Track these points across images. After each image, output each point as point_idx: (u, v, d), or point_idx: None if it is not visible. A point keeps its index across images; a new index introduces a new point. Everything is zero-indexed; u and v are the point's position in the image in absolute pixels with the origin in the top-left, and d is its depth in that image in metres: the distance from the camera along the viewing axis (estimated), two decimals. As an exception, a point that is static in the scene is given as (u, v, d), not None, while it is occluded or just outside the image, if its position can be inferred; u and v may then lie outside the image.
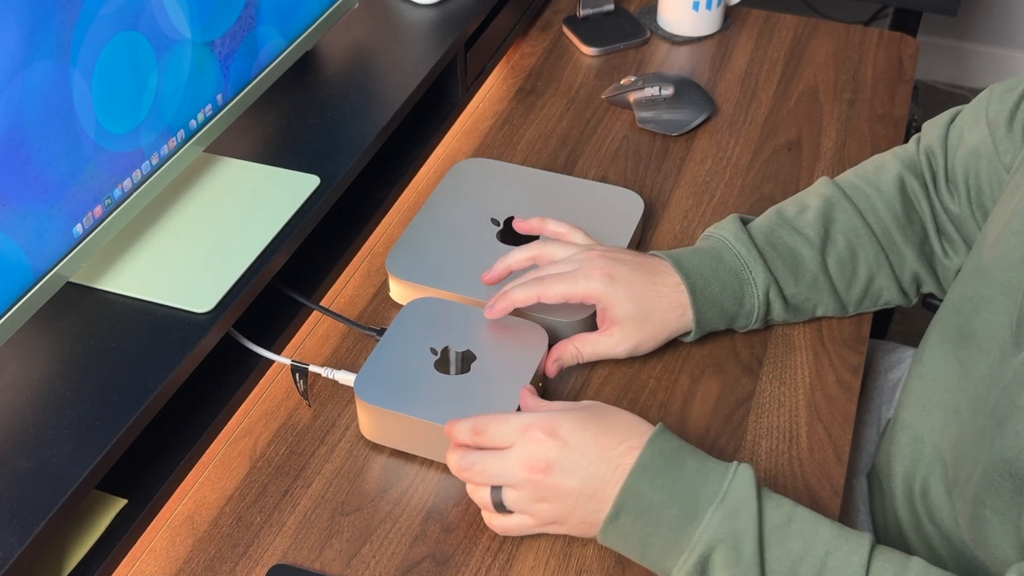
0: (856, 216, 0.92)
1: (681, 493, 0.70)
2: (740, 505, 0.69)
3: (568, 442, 0.73)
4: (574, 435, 0.73)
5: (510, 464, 0.73)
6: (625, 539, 0.72)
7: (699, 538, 0.69)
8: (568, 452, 0.72)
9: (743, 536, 0.68)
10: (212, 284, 0.83)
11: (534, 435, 0.73)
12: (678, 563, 0.69)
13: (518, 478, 0.73)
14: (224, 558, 0.78)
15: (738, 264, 0.89)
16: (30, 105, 0.69)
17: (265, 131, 1.00)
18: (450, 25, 1.14)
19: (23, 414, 0.73)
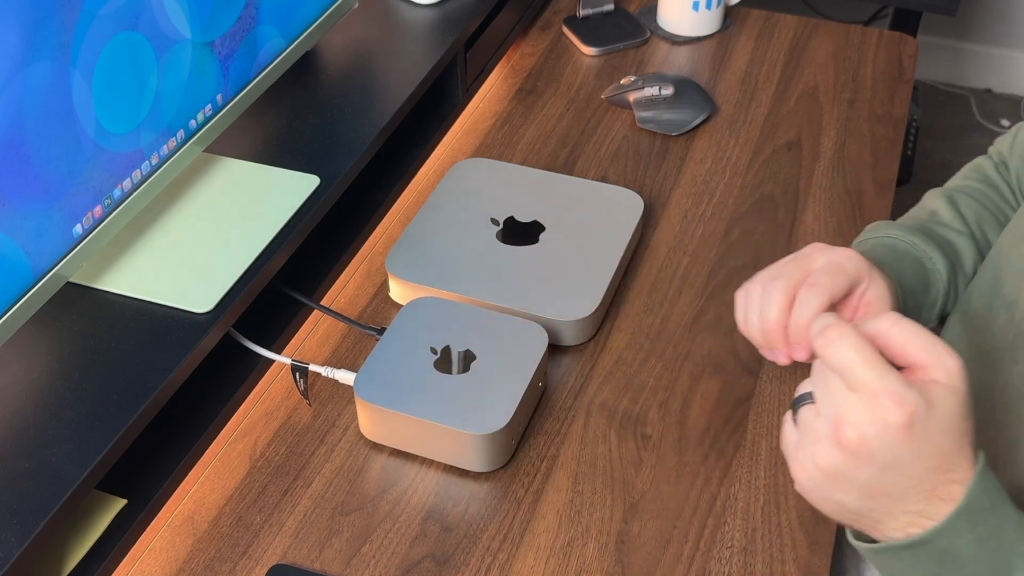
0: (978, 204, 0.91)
1: (997, 550, 0.60)
2: None
3: (913, 439, 0.58)
4: (927, 432, 0.58)
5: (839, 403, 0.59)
6: (907, 568, 0.62)
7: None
8: (897, 449, 0.58)
9: None
10: (212, 284, 0.83)
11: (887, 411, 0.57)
12: None
13: (826, 416, 0.60)
14: (224, 558, 0.78)
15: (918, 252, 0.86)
16: (30, 105, 0.69)
17: (265, 131, 1.00)
18: (450, 25, 1.14)
19: (23, 414, 0.73)
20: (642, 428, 0.87)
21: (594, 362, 0.92)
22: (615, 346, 0.94)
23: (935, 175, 2.42)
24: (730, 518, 0.81)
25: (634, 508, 0.81)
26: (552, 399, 0.89)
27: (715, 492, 0.82)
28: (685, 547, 0.79)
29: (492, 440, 0.81)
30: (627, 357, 0.93)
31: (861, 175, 1.12)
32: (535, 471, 0.84)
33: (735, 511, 0.81)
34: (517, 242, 0.99)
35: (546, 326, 0.89)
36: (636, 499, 0.82)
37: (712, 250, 1.03)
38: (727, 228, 1.06)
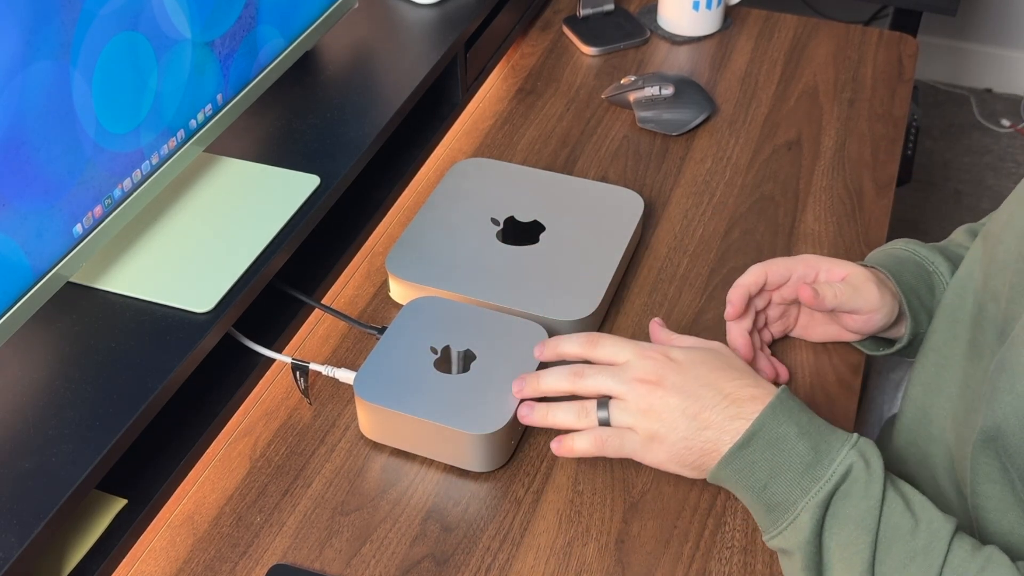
0: None
1: (815, 431, 0.71)
2: (872, 455, 0.70)
3: (682, 363, 0.75)
4: (687, 360, 0.76)
5: (621, 375, 0.76)
6: (750, 470, 0.71)
7: (835, 468, 0.69)
8: (681, 370, 0.75)
9: (873, 480, 0.69)
10: (212, 284, 0.83)
11: (649, 354, 0.76)
12: (808, 494, 0.69)
13: (627, 390, 0.75)
14: (224, 558, 0.78)
15: (920, 258, 0.91)
16: (30, 105, 0.69)
17: (265, 131, 1.00)
18: (450, 25, 1.14)
19: (23, 414, 0.73)
20: (642, 428, 0.87)
21: (594, 362, 0.92)
22: (615, 346, 0.94)
23: (935, 175, 2.42)
24: (730, 518, 0.81)
25: (634, 508, 0.81)
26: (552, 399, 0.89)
27: (715, 492, 0.82)
28: (685, 547, 0.79)
29: (492, 440, 0.81)
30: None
31: (861, 175, 1.12)
32: (535, 471, 0.84)
33: (735, 511, 0.81)
34: (517, 242, 0.99)
35: (546, 326, 0.89)
36: (636, 499, 0.82)
37: (712, 250, 1.03)
38: (727, 228, 1.06)
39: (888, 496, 0.69)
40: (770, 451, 0.71)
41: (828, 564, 0.69)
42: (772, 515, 0.72)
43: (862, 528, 0.68)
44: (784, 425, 0.71)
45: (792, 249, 1.03)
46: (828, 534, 0.69)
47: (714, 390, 0.74)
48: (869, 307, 0.86)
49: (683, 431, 0.73)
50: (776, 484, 0.71)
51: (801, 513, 0.69)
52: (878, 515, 0.68)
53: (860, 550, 0.68)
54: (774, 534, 0.72)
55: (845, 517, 0.69)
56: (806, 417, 0.72)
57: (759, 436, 0.71)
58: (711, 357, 0.77)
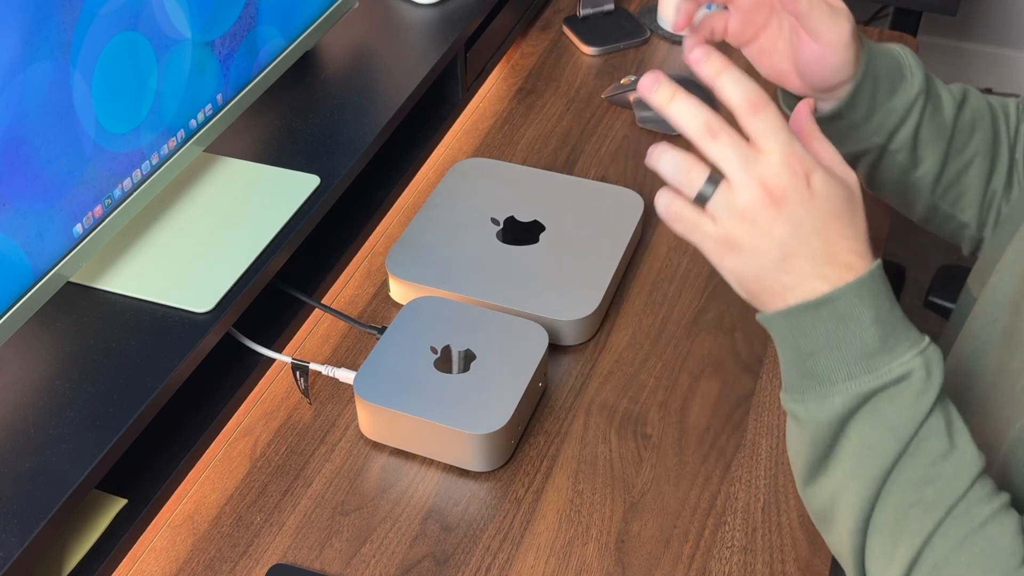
0: (985, 105, 0.91)
1: (890, 322, 0.66)
2: (936, 368, 0.66)
3: (815, 196, 0.66)
4: (822, 195, 0.66)
5: (751, 165, 0.65)
6: (806, 332, 0.66)
7: (892, 369, 0.65)
8: (808, 203, 0.65)
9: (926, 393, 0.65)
10: (212, 284, 0.83)
11: (794, 163, 0.65)
12: (853, 380, 0.65)
13: (746, 186, 0.65)
14: (224, 558, 0.78)
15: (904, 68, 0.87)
16: (30, 105, 0.69)
17: (265, 131, 1.00)
18: (450, 25, 1.14)
19: (23, 414, 0.73)
20: (642, 428, 0.87)
21: (594, 362, 0.92)
22: (615, 346, 0.94)
23: (935, 175, 2.41)
24: (730, 518, 0.81)
25: (634, 508, 0.81)
26: (552, 399, 0.89)
27: (715, 492, 0.82)
28: (685, 547, 0.79)
29: (492, 440, 0.81)
30: (627, 357, 0.93)
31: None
32: (535, 471, 0.84)
33: (735, 511, 0.81)
34: (517, 242, 0.99)
35: (546, 326, 0.89)
36: (636, 499, 0.82)
37: (712, 250, 1.03)
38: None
39: (934, 413, 0.65)
40: (835, 323, 0.65)
41: (840, 454, 0.66)
42: (805, 381, 0.67)
43: (895, 435, 0.64)
44: (862, 306, 0.65)
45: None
46: (856, 427, 0.65)
47: (822, 241, 0.66)
48: (832, 38, 0.81)
49: (765, 262, 0.66)
50: (825, 357, 0.66)
51: (835, 395, 0.65)
52: (916, 428, 0.64)
53: (883, 454, 0.65)
54: (796, 398, 0.68)
55: (882, 418, 0.65)
56: (887, 305, 0.66)
57: (832, 305, 0.65)
58: (842, 201, 0.67)
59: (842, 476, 0.66)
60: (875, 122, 0.87)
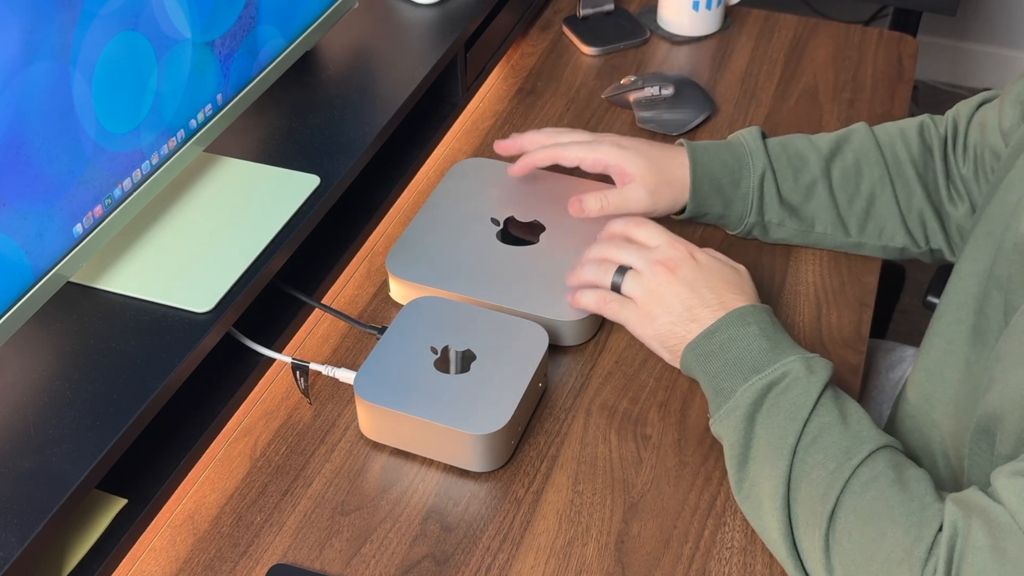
0: (871, 140, 0.98)
1: (775, 338, 0.81)
2: (819, 369, 0.78)
3: (700, 265, 0.86)
4: (707, 264, 0.86)
5: (648, 255, 0.87)
6: (708, 357, 0.81)
7: (776, 368, 0.78)
8: (697, 271, 0.85)
9: (812, 383, 0.76)
10: (212, 284, 0.83)
11: (677, 246, 0.87)
12: (748, 383, 0.78)
13: (646, 267, 0.86)
14: (224, 558, 0.78)
15: (743, 151, 0.97)
16: (30, 105, 0.69)
17: (265, 131, 1.00)
18: (450, 25, 1.14)
19: (23, 414, 0.73)
20: (642, 428, 0.87)
21: (594, 362, 0.92)
22: (615, 346, 0.94)
23: (935, 175, 2.41)
24: (730, 518, 0.81)
25: (634, 508, 0.81)
26: (552, 399, 0.89)
27: (715, 492, 0.82)
28: (685, 547, 0.79)
29: (492, 440, 0.81)
30: (627, 357, 0.93)
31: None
32: (535, 471, 0.84)
33: (735, 511, 0.81)
34: (517, 242, 0.99)
35: (546, 326, 0.89)
36: (636, 499, 0.82)
37: (712, 250, 1.03)
38: (727, 228, 1.06)
39: (824, 401, 0.75)
40: (729, 344, 0.80)
41: (755, 451, 0.76)
42: (717, 399, 0.80)
43: (791, 418, 0.75)
44: (749, 326, 0.80)
45: (791, 255, 1.03)
46: (760, 423, 0.76)
47: (715, 295, 0.83)
48: (640, 210, 0.98)
49: (674, 317, 0.84)
50: (726, 372, 0.80)
51: (738, 397, 0.78)
52: (810, 410, 0.75)
53: (785, 435, 0.74)
54: (715, 419, 0.80)
55: (779, 409, 0.76)
56: (773, 328, 0.82)
57: (723, 329, 0.81)
58: (728, 272, 0.86)
59: (759, 467, 0.76)
60: (736, 210, 0.99)
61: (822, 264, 1.02)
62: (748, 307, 0.82)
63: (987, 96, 0.96)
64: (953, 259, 0.97)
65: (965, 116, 0.96)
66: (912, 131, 0.98)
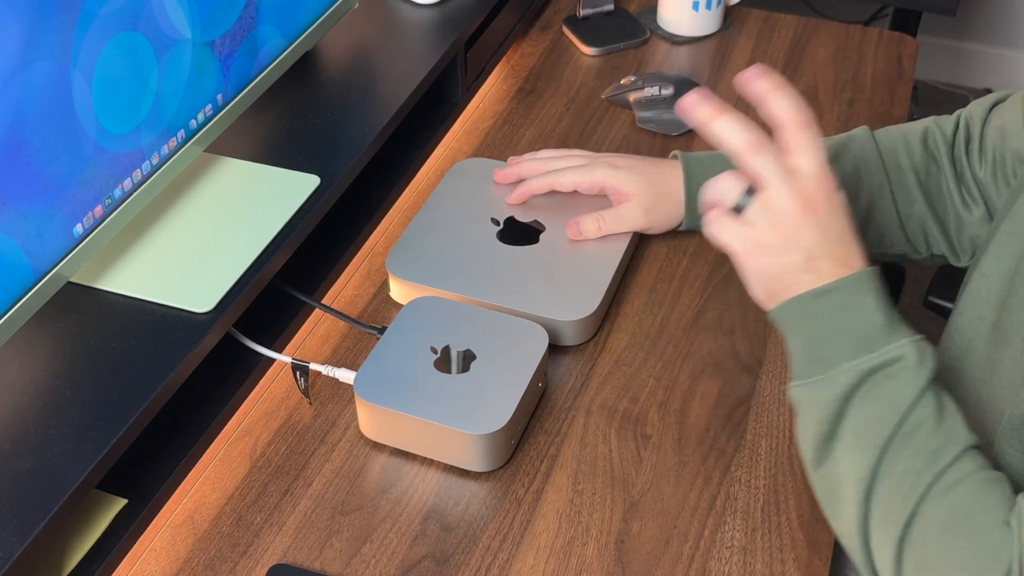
0: (871, 147, 0.96)
1: (889, 312, 0.72)
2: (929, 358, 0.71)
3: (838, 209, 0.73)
4: (843, 208, 0.73)
5: (789, 183, 0.72)
6: (814, 317, 0.72)
7: (889, 350, 0.70)
8: (833, 213, 0.73)
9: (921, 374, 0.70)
10: (212, 284, 0.83)
11: (824, 179, 0.72)
12: (855, 360, 0.71)
13: (782, 196, 0.72)
14: (224, 557, 0.78)
15: None
16: (30, 105, 0.69)
17: (265, 131, 1.00)
18: (450, 25, 1.14)
19: (23, 414, 0.73)
20: (642, 428, 0.87)
21: (594, 362, 0.92)
22: (615, 346, 0.94)
23: (935, 175, 2.41)
24: (730, 518, 0.81)
25: (634, 508, 0.81)
26: (552, 399, 0.89)
27: (715, 492, 0.82)
28: (685, 547, 0.79)
29: (492, 440, 0.81)
30: (627, 357, 0.93)
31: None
32: (535, 471, 0.84)
33: (735, 511, 0.81)
34: (517, 242, 0.99)
35: (546, 326, 0.89)
36: (636, 499, 0.82)
37: (712, 250, 1.03)
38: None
39: (927, 394, 0.70)
40: (841, 310, 0.72)
41: (843, 431, 0.71)
42: (812, 366, 0.72)
43: (892, 409, 0.69)
44: (866, 295, 0.72)
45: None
46: (857, 404, 0.70)
47: (843, 246, 0.73)
48: (638, 229, 0.98)
49: (792, 262, 0.73)
50: (832, 340, 0.72)
51: (840, 374, 0.71)
52: (911, 404, 0.69)
53: (882, 427, 0.69)
54: (803, 383, 0.73)
55: (880, 394, 0.70)
56: (887, 300, 0.73)
57: (836, 293, 0.72)
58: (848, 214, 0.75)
59: (845, 452, 0.71)
60: None
61: (822, 264, 1.02)
62: (868, 271, 0.73)
63: (999, 97, 0.95)
64: (957, 263, 0.96)
65: (979, 118, 0.95)
66: (915, 137, 0.96)
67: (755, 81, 0.75)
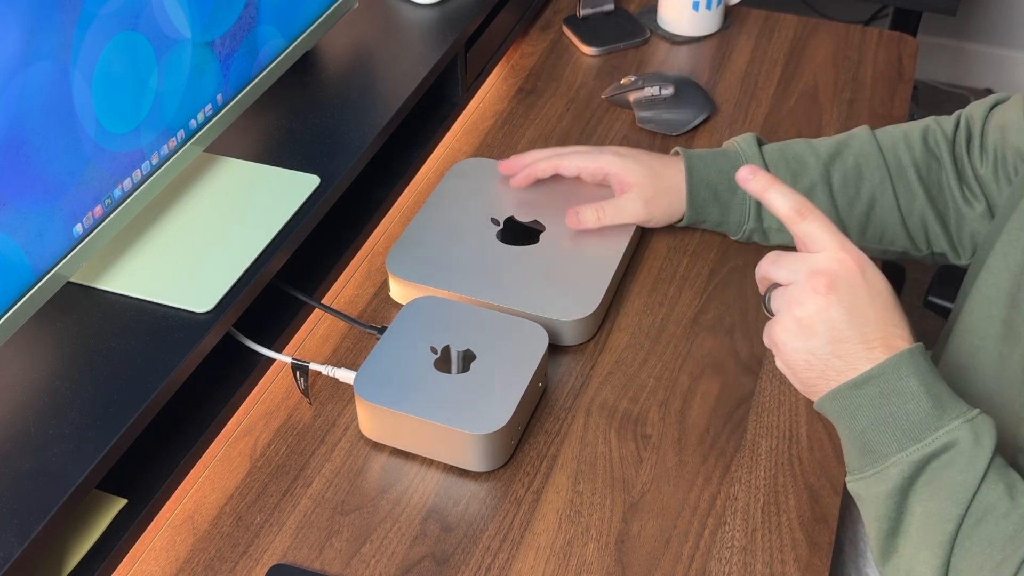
0: (872, 144, 0.97)
1: (936, 392, 0.68)
2: (985, 435, 0.67)
3: (869, 285, 0.70)
4: (878, 285, 0.71)
5: (804, 264, 0.71)
6: (853, 412, 0.69)
7: (941, 437, 0.67)
8: (858, 289, 0.70)
9: (979, 457, 0.66)
10: (212, 284, 0.83)
11: (843, 257, 0.70)
12: (904, 451, 0.68)
13: (797, 278, 0.71)
14: (224, 558, 0.78)
15: (738, 157, 0.97)
16: (30, 105, 0.69)
17: (265, 131, 1.00)
18: (450, 25, 1.14)
19: (23, 414, 0.73)
20: (642, 428, 0.87)
21: (594, 362, 0.92)
22: (615, 346, 0.94)
23: (935, 175, 2.41)
24: (730, 518, 0.81)
25: (634, 508, 0.81)
26: (552, 399, 0.89)
27: (715, 492, 0.82)
28: (685, 547, 0.79)
29: (492, 440, 0.81)
30: (627, 357, 0.93)
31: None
32: (535, 471, 0.84)
33: (735, 511, 0.81)
34: (517, 242, 0.99)
35: (546, 326, 0.89)
36: (636, 499, 0.82)
37: (712, 250, 1.03)
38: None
39: (990, 475, 0.66)
40: (881, 399, 0.69)
41: (907, 527, 0.68)
42: (863, 459, 0.70)
43: (953, 500, 0.66)
44: (907, 379, 0.68)
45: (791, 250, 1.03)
46: (916, 498, 0.68)
47: (876, 326, 0.70)
48: (636, 219, 0.98)
49: (817, 346, 0.70)
50: (876, 432, 0.69)
51: (891, 467, 0.68)
52: (974, 491, 0.66)
53: (946, 520, 0.66)
54: (857, 478, 0.71)
55: (939, 486, 0.67)
56: (933, 378, 0.69)
57: (875, 382, 0.69)
58: (891, 294, 0.72)
59: (912, 548, 0.68)
60: (734, 216, 0.99)
61: (822, 264, 1.02)
62: (907, 352, 0.69)
63: (999, 98, 0.95)
64: (957, 262, 0.97)
65: (980, 117, 0.95)
66: (916, 135, 0.97)
67: (747, 185, 0.76)
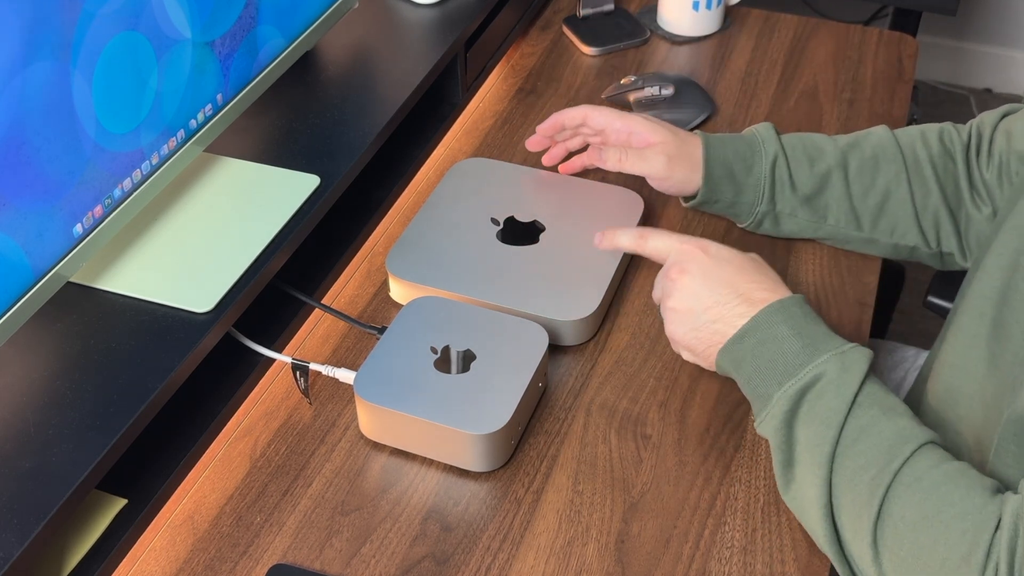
0: (890, 138, 0.98)
1: (807, 333, 0.78)
2: (854, 364, 0.75)
3: (712, 257, 0.83)
4: (719, 256, 0.83)
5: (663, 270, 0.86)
6: (740, 362, 0.79)
7: (810, 370, 0.76)
8: (707, 264, 0.83)
9: (846, 383, 0.74)
10: (212, 284, 0.83)
11: (684, 246, 0.85)
12: (782, 388, 0.76)
13: (665, 278, 0.85)
14: (224, 558, 0.78)
15: (755, 140, 0.99)
16: (30, 105, 0.69)
17: (265, 131, 1.00)
18: (450, 25, 1.14)
19: (23, 414, 0.73)
20: (642, 428, 0.87)
21: (594, 362, 0.92)
22: (615, 346, 0.94)
23: (935, 175, 2.40)
24: (730, 518, 0.81)
25: (634, 508, 0.81)
26: (552, 399, 0.89)
27: (715, 492, 0.82)
28: (685, 547, 0.79)
29: (492, 440, 0.81)
30: (627, 357, 0.93)
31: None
32: (535, 471, 0.84)
33: (735, 511, 0.81)
34: (517, 242, 0.99)
35: (546, 326, 0.89)
36: (636, 499, 0.82)
37: (712, 250, 1.03)
38: (727, 228, 1.06)
39: (861, 400, 0.74)
40: (760, 347, 0.78)
41: (797, 456, 0.75)
42: (757, 403, 0.79)
43: (827, 424, 0.73)
44: (778, 326, 0.78)
45: (791, 254, 1.03)
46: (799, 427, 0.75)
47: (731, 288, 0.81)
48: (656, 174, 0.99)
49: (694, 318, 0.82)
50: (760, 376, 0.78)
51: (775, 405, 0.76)
52: (845, 414, 0.73)
53: (823, 443, 0.73)
54: (757, 421, 0.79)
55: (815, 414, 0.75)
56: (804, 321, 0.78)
57: (752, 334, 0.79)
58: (744, 259, 0.84)
59: (802, 473, 0.75)
60: (747, 198, 1.00)
61: (822, 263, 1.02)
62: (776, 304, 0.79)
63: (1010, 108, 0.97)
64: (965, 264, 0.97)
65: (990, 125, 0.97)
66: (933, 134, 0.99)
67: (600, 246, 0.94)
